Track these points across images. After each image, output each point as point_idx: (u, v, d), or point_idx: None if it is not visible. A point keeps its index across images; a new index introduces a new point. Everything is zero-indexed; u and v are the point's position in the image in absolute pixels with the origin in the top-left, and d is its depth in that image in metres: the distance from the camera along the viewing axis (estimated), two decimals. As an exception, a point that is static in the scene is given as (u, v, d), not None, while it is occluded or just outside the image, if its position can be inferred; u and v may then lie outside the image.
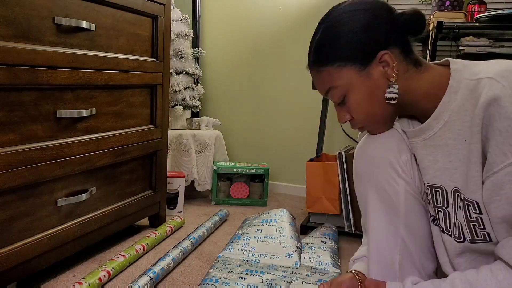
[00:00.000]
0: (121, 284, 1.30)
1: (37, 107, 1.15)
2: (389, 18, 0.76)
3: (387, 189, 0.84)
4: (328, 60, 0.78)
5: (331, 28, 0.78)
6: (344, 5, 0.79)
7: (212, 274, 1.31)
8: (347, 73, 0.77)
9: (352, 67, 0.77)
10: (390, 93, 0.76)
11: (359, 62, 0.76)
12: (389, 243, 0.84)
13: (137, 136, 1.56)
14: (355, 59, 0.76)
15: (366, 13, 0.76)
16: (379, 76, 0.77)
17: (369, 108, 0.79)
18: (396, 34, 0.76)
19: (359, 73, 0.77)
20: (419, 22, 0.76)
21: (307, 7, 2.37)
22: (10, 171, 1.07)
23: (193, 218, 1.99)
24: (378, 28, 0.76)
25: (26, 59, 1.08)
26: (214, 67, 2.64)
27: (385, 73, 0.76)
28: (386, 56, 0.75)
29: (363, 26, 0.75)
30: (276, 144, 2.55)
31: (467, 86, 0.70)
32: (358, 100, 0.78)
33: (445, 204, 0.78)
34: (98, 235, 1.44)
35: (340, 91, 0.79)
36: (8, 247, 1.11)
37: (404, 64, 0.77)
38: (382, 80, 0.77)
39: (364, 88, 0.77)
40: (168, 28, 1.68)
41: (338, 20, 0.78)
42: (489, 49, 1.72)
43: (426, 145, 0.79)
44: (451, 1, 1.89)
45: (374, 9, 0.77)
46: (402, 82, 0.77)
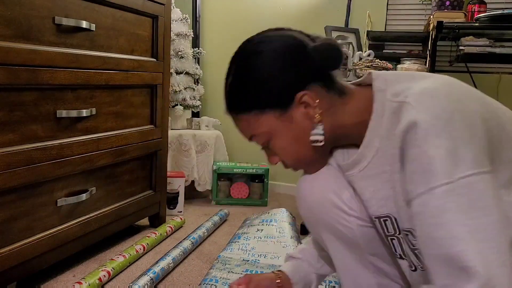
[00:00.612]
0: (121, 284, 1.30)
1: (37, 107, 1.15)
2: (303, 55, 0.70)
3: (340, 229, 0.80)
4: (244, 108, 0.73)
5: (243, 73, 0.72)
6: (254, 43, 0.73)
7: (212, 274, 1.31)
8: (266, 120, 0.71)
9: (271, 113, 0.71)
10: (315, 135, 0.71)
11: (278, 107, 0.70)
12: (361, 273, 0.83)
13: (137, 136, 1.56)
14: (273, 104, 0.70)
15: (277, 54, 0.70)
16: (301, 118, 0.71)
17: (297, 152, 0.74)
18: (313, 70, 0.70)
19: (279, 118, 0.71)
20: (333, 56, 0.70)
21: (307, 7, 2.37)
22: (10, 171, 1.07)
23: (193, 218, 1.99)
24: (292, 69, 0.69)
25: (26, 59, 1.08)
26: (214, 67, 2.64)
27: (307, 114, 0.70)
28: (306, 97, 0.69)
29: (276, 70, 0.69)
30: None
31: (390, 109, 0.66)
32: (283, 145, 0.74)
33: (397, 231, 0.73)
34: (98, 235, 1.44)
35: (263, 138, 0.74)
36: (8, 247, 1.11)
37: (327, 99, 0.71)
38: (305, 121, 0.71)
39: (288, 132, 0.72)
40: (168, 28, 1.68)
41: (249, 63, 0.71)
42: (489, 49, 1.72)
43: (363, 176, 0.73)
44: (451, 1, 1.89)
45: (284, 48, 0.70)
46: (329, 119, 0.71)
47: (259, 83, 0.70)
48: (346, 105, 0.72)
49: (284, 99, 0.70)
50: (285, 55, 0.70)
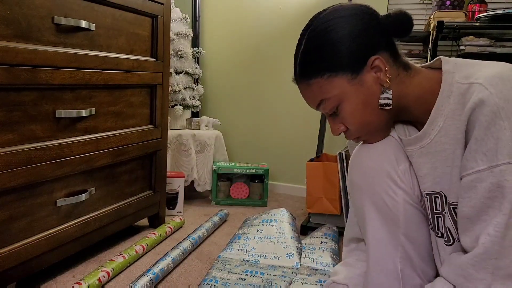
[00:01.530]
0: (121, 285, 1.30)
1: (37, 107, 1.15)
2: (375, 22, 0.74)
3: (385, 200, 0.82)
4: (317, 72, 0.75)
5: (316, 37, 0.75)
6: (326, 13, 0.76)
7: (212, 275, 1.31)
8: (338, 83, 0.74)
9: (344, 76, 0.74)
10: (385, 99, 0.74)
11: (350, 70, 0.74)
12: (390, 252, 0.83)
13: (136, 136, 1.56)
14: (346, 67, 0.74)
15: (350, 19, 0.74)
16: (372, 82, 0.74)
17: (364, 116, 0.76)
18: (383, 37, 0.74)
19: (351, 82, 0.74)
20: (405, 23, 0.74)
21: (307, 6, 2.37)
22: (10, 171, 1.07)
23: (193, 218, 1.98)
24: (366, 33, 0.73)
25: (26, 59, 1.08)
26: (214, 67, 2.64)
27: (378, 79, 0.74)
28: (378, 61, 0.73)
29: (350, 33, 0.73)
30: (276, 144, 2.55)
31: (458, 90, 0.69)
32: (352, 109, 0.76)
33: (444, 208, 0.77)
34: (97, 236, 1.44)
35: (333, 102, 0.76)
36: (7, 247, 1.10)
37: (394, 68, 0.75)
38: (375, 86, 0.74)
39: (358, 96, 0.75)
40: (167, 28, 1.68)
41: (323, 29, 0.75)
42: (490, 49, 1.72)
43: (423, 152, 0.77)
44: (452, 1, 1.88)
45: (358, 14, 0.74)
46: (395, 87, 0.75)
47: (334, 46, 0.73)
48: (411, 79, 0.76)
49: (357, 62, 0.73)
50: (358, 20, 0.74)
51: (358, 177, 0.86)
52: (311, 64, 0.76)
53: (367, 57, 0.73)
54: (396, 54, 0.76)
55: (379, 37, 0.74)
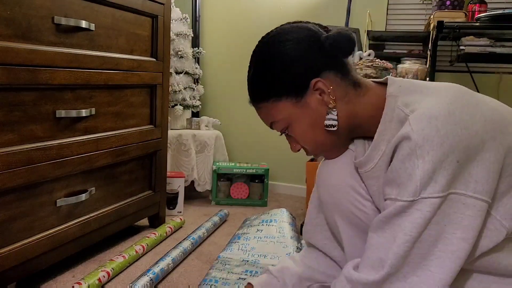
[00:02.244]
0: (121, 285, 1.30)
1: (37, 107, 1.15)
2: (316, 45, 0.75)
3: (356, 213, 0.82)
4: (263, 96, 0.78)
5: (260, 64, 0.79)
6: (271, 36, 0.79)
7: (211, 275, 1.31)
8: (284, 107, 0.77)
9: (288, 100, 0.76)
10: (330, 120, 0.75)
11: (294, 94, 0.75)
12: None
13: (136, 136, 1.56)
14: (289, 91, 0.75)
15: (291, 44, 0.75)
16: (317, 104, 0.75)
17: (314, 137, 0.78)
18: (326, 58, 0.75)
19: (296, 105, 0.76)
20: (345, 43, 0.74)
21: (307, 7, 2.37)
22: (10, 171, 1.07)
23: (193, 218, 1.98)
24: (306, 57, 0.74)
25: (26, 59, 1.08)
26: (214, 67, 2.64)
27: (322, 101, 0.75)
28: (319, 84, 0.74)
29: (291, 58, 0.74)
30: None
31: (398, 117, 0.70)
32: (301, 131, 0.78)
33: None
34: (97, 236, 1.44)
35: (282, 124, 0.79)
36: (7, 247, 1.10)
37: (342, 87, 0.75)
38: (321, 107, 0.75)
39: (304, 118, 0.76)
40: (167, 28, 1.68)
41: (266, 55, 0.78)
42: (490, 49, 1.72)
43: (369, 176, 0.78)
44: (452, 1, 1.88)
45: (299, 38, 0.75)
46: (344, 107, 0.75)
47: (275, 72, 0.76)
48: (361, 97, 0.76)
49: (299, 86, 0.75)
50: (299, 44, 0.75)
51: (325, 195, 0.87)
52: (257, 90, 0.80)
53: (309, 80, 0.74)
54: (344, 73, 0.76)
55: (322, 58, 0.75)
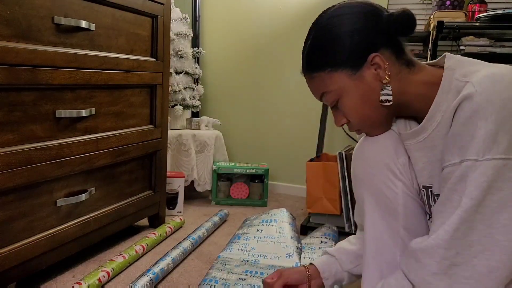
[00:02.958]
0: (121, 285, 1.30)
1: (37, 107, 1.15)
2: (378, 20, 0.76)
3: (385, 191, 0.83)
4: (319, 66, 0.79)
5: (321, 33, 0.79)
6: (333, 9, 0.79)
7: (211, 275, 1.31)
8: (338, 78, 0.78)
9: (344, 71, 0.77)
10: (385, 95, 0.76)
11: (350, 66, 0.77)
12: (389, 245, 0.84)
13: (136, 136, 1.56)
14: (346, 63, 0.77)
15: (353, 17, 0.76)
16: (371, 78, 0.77)
17: (363, 111, 0.79)
18: (386, 35, 0.76)
19: (351, 77, 0.77)
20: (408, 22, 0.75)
21: (307, 6, 2.37)
22: (10, 171, 1.07)
23: (193, 218, 1.98)
24: (367, 31, 0.76)
25: (26, 59, 1.08)
26: (214, 67, 2.64)
27: (377, 75, 0.76)
28: (377, 59, 0.75)
29: (351, 31, 0.76)
30: (276, 144, 2.55)
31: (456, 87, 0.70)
32: (351, 104, 0.79)
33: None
34: (97, 236, 1.44)
35: (333, 96, 0.80)
36: (7, 247, 1.10)
37: (396, 65, 0.77)
38: (375, 82, 0.77)
39: (357, 91, 0.78)
40: (167, 28, 1.68)
41: (327, 25, 0.78)
42: (490, 49, 1.72)
43: (420, 147, 0.79)
44: (452, 1, 1.88)
45: (361, 12, 0.77)
46: (396, 84, 0.77)
47: (335, 43, 0.77)
48: (413, 75, 0.77)
49: (357, 58, 0.76)
50: (361, 18, 0.76)
51: (359, 169, 0.88)
52: (314, 59, 0.80)
53: (367, 54, 0.75)
54: (399, 52, 0.77)
55: (381, 34, 0.76)
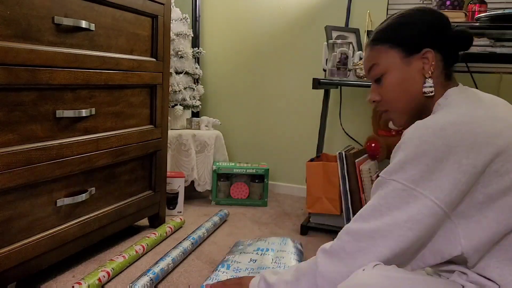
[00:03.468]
0: (121, 285, 1.30)
1: (37, 107, 1.15)
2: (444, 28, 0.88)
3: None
4: (384, 39, 0.91)
5: (400, 17, 0.91)
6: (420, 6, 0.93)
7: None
8: (392, 55, 0.89)
9: (399, 51, 0.88)
10: (427, 87, 0.87)
11: (406, 50, 0.88)
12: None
13: (136, 136, 1.56)
14: (404, 45, 0.88)
15: (430, 17, 0.89)
16: (417, 68, 0.87)
17: (398, 93, 0.89)
18: (444, 42, 0.87)
19: (401, 59, 0.88)
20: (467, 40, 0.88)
21: (307, 7, 2.37)
22: (9, 171, 1.07)
23: (193, 218, 1.98)
24: (431, 31, 0.87)
25: (25, 59, 1.08)
26: (214, 67, 2.64)
27: (422, 69, 0.87)
28: (429, 54, 0.86)
29: (422, 23, 0.88)
30: (276, 144, 2.55)
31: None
32: (391, 82, 0.89)
33: None
34: (97, 236, 1.44)
35: (380, 69, 0.91)
36: (7, 247, 1.10)
37: (439, 70, 0.87)
38: (418, 73, 0.87)
39: (401, 73, 0.88)
40: (168, 28, 1.68)
41: (408, 13, 0.91)
42: (490, 49, 1.72)
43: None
44: (452, 1, 1.88)
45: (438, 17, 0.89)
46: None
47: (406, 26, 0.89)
48: (441, 88, 0.88)
49: (414, 46, 0.87)
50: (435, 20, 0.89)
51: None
52: (384, 33, 0.92)
53: (423, 47, 0.86)
54: (448, 63, 0.89)
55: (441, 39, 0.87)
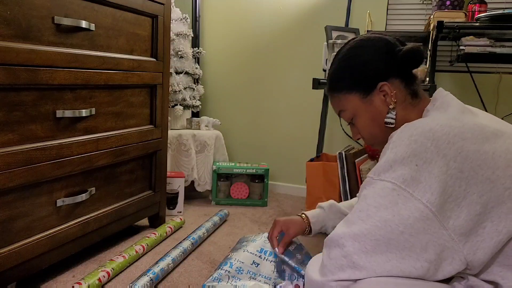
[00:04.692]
0: (121, 285, 1.30)
1: (37, 107, 1.15)
2: (391, 54, 0.89)
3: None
4: (338, 88, 0.94)
5: (341, 61, 0.94)
6: (355, 41, 0.94)
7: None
8: (352, 99, 0.92)
9: (357, 94, 0.91)
10: (389, 118, 0.89)
11: (362, 91, 0.90)
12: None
13: (136, 136, 1.56)
14: (359, 88, 0.90)
15: (370, 50, 0.90)
16: (379, 103, 0.90)
17: (373, 130, 0.92)
18: (396, 67, 0.89)
19: (362, 100, 0.91)
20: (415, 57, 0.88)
21: (307, 7, 2.37)
22: (10, 171, 1.07)
23: (193, 218, 1.98)
24: (379, 63, 0.89)
25: (26, 59, 1.08)
26: (214, 67, 2.64)
27: (385, 101, 0.89)
28: (385, 87, 0.88)
29: (366, 61, 0.90)
30: (276, 144, 2.55)
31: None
32: (362, 122, 0.92)
33: None
34: (97, 236, 1.44)
35: (348, 114, 0.94)
36: (7, 247, 1.10)
37: (403, 93, 0.89)
38: (382, 106, 0.90)
39: (367, 112, 0.91)
40: (167, 28, 1.68)
41: (347, 54, 0.93)
42: (490, 49, 1.72)
43: None
44: (452, 1, 1.88)
45: (378, 46, 0.90)
46: (400, 111, 0.89)
47: (352, 70, 0.91)
48: (414, 106, 0.90)
49: (368, 85, 0.90)
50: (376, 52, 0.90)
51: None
52: (334, 82, 0.95)
53: (377, 82, 0.89)
54: (408, 83, 0.90)
55: (392, 66, 0.89)
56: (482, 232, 0.71)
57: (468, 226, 0.71)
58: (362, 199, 0.77)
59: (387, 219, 0.71)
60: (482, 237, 0.71)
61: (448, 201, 0.71)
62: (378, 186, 0.75)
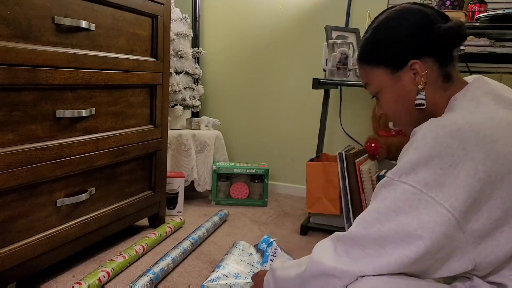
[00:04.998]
0: (121, 285, 1.30)
1: (37, 107, 1.15)
2: (428, 30, 0.81)
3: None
4: (367, 60, 0.89)
5: (376, 31, 0.88)
6: (392, 11, 0.87)
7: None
8: (379, 74, 0.87)
9: (385, 69, 0.86)
10: (419, 99, 0.83)
11: (391, 66, 0.85)
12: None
13: (136, 136, 1.56)
14: (388, 63, 0.85)
15: (406, 23, 0.83)
16: (408, 81, 0.84)
17: (396, 109, 0.88)
18: (432, 45, 0.81)
19: (390, 76, 0.85)
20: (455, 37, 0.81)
21: (307, 7, 2.37)
22: (9, 171, 1.07)
23: (193, 218, 1.98)
24: (414, 39, 0.82)
25: (26, 59, 1.08)
26: (214, 67, 2.64)
27: (414, 80, 0.83)
28: (416, 65, 0.82)
29: (400, 35, 0.83)
30: (276, 144, 2.55)
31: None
32: (386, 99, 0.88)
33: None
34: (97, 236, 1.44)
35: (373, 88, 0.90)
36: (7, 247, 1.11)
37: (436, 74, 0.82)
38: (411, 86, 0.84)
39: (393, 90, 0.86)
40: (168, 28, 1.68)
41: (382, 24, 0.87)
42: (490, 49, 1.72)
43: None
44: (452, 1, 1.88)
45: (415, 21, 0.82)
46: (430, 92, 0.83)
47: (385, 42, 0.85)
48: (444, 91, 0.83)
49: (399, 61, 0.84)
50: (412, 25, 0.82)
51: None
52: (365, 52, 0.90)
53: (409, 59, 0.82)
54: (444, 63, 0.83)
55: (428, 44, 0.81)
56: (499, 237, 0.69)
57: (485, 230, 0.69)
58: (381, 200, 0.73)
59: (405, 223, 0.69)
60: (497, 242, 0.69)
61: (472, 205, 0.68)
62: (399, 189, 0.71)
